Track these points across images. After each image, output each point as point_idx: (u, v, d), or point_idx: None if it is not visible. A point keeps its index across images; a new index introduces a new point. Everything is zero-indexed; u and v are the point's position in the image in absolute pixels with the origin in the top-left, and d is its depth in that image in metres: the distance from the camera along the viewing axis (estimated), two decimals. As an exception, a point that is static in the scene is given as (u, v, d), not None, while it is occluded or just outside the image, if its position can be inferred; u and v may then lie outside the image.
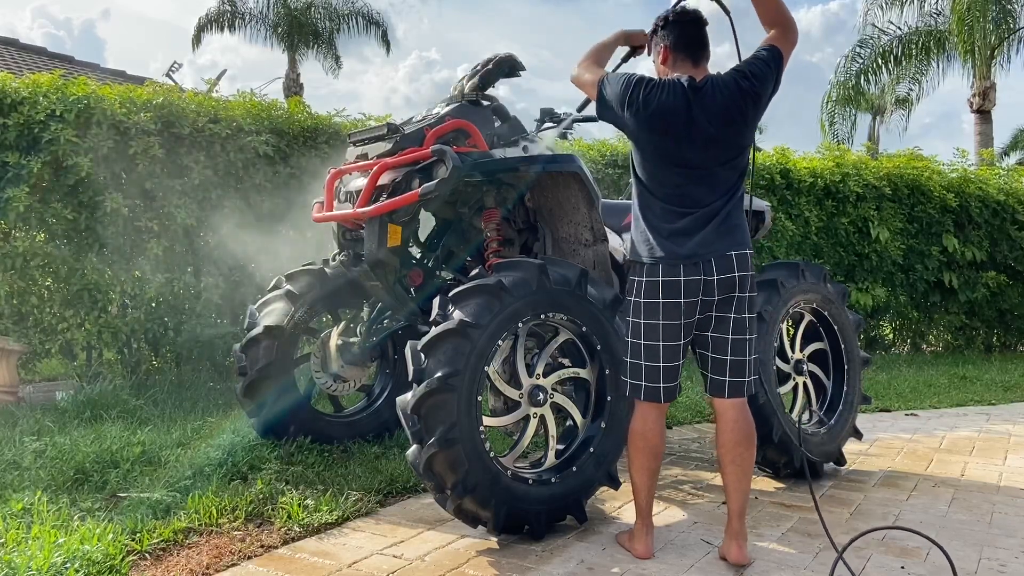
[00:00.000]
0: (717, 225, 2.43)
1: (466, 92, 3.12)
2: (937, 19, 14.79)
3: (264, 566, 2.41)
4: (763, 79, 2.41)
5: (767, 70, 2.42)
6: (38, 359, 4.98)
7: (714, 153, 2.42)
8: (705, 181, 2.44)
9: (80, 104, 4.62)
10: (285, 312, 3.47)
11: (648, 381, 2.50)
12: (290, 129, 5.41)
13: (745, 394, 2.51)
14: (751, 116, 2.42)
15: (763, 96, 2.42)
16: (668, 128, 2.41)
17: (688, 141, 2.41)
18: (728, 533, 2.50)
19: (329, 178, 3.13)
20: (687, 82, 2.41)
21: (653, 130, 2.43)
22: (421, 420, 2.45)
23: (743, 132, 2.44)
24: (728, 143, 2.43)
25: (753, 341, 2.52)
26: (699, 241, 2.42)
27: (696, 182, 2.44)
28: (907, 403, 5.43)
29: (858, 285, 7.60)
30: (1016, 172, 9.10)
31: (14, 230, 4.69)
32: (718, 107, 2.38)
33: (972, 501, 3.17)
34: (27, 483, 2.98)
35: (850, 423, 3.59)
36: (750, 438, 2.50)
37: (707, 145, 2.41)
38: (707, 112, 2.38)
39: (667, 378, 2.50)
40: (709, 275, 2.43)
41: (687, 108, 2.38)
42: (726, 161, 2.44)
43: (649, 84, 2.43)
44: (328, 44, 19.60)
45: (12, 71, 7.22)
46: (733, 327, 2.48)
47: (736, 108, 2.39)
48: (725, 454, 2.49)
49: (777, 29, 2.46)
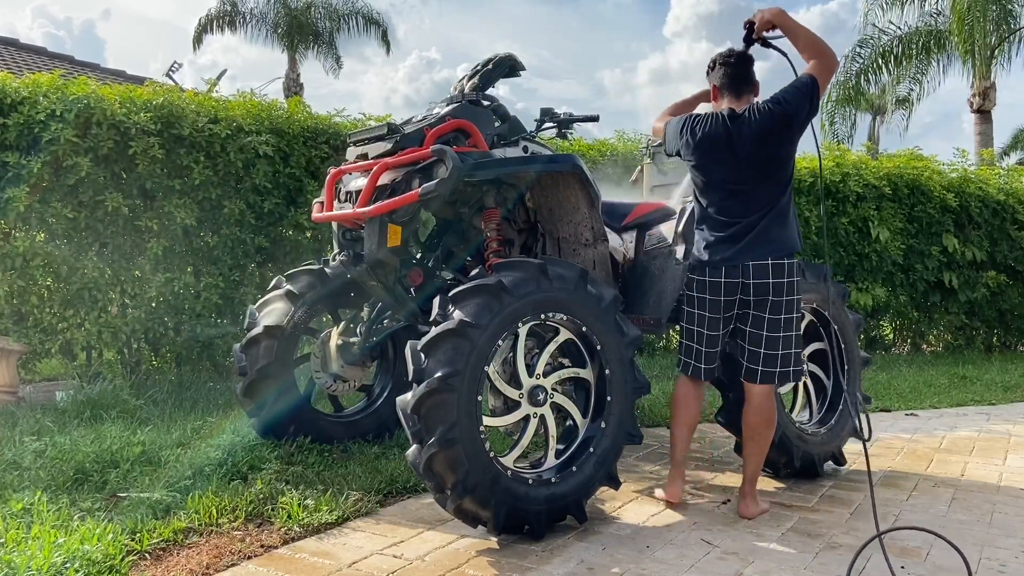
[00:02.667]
0: (756, 236, 2.84)
1: (466, 92, 3.12)
2: (937, 19, 14.78)
3: (264, 566, 2.41)
4: (796, 103, 2.77)
5: (800, 96, 2.78)
6: (38, 359, 4.98)
7: (752, 172, 2.83)
8: (745, 197, 2.86)
9: (80, 104, 4.62)
10: (285, 312, 3.47)
11: (693, 360, 3.02)
12: (290, 129, 5.41)
13: (773, 382, 2.93)
14: (784, 136, 2.80)
15: (795, 119, 2.78)
16: (711, 153, 2.87)
17: (729, 163, 2.84)
18: (741, 492, 2.99)
19: (329, 178, 3.13)
20: (727, 112, 2.86)
21: (702, 156, 2.90)
22: (421, 420, 2.45)
23: (778, 152, 2.82)
24: (765, 163, 2.82)
25: (790, 338, 2.90)
26: (739, 249, 2.85)
27: (737, 198, 2.87)
28: (907, 403, 5.43)
29: (858, 285, 7.60)
30: (1016, 172, 9.09)
31: (14, 230, 4.69)
32: (753, 132, 2.79)
33: (972, 501, 3.17)
34: (27, 483, 2.97)
35: (850, 423, 3.59)
36: (770, 420, 2.97)
37: (745, 166, 2.82)
38: (744, 137, 2.80)
39: (706, 360, 3.00)
40: (747, 279, 2.86)
41: (727, 135, 2.83)
42: (765, 179, 2.84)
43: (696, 119, 2.93)
44: (328, 44, 19.62)
45: (12, 71, 7.21)
46: (768, 326, 2.89)
47: (769, 131, 2.78)
48: (747, 430, 2.98)
49: (814, 59, 2.83)
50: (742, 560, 2.51)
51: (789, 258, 2.86)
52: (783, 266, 2.85)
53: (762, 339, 2.89)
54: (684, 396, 3.06)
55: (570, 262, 3.00)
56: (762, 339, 2.89)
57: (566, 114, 3.41)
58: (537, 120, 3.43)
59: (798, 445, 3.33)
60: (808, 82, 2.79)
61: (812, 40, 2.84)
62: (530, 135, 3.18)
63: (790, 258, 2.86)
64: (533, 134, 3.24)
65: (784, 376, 2.93)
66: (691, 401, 3.05)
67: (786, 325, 2.88)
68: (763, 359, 2.90)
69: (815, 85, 2.78)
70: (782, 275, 2.85)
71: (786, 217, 2.87)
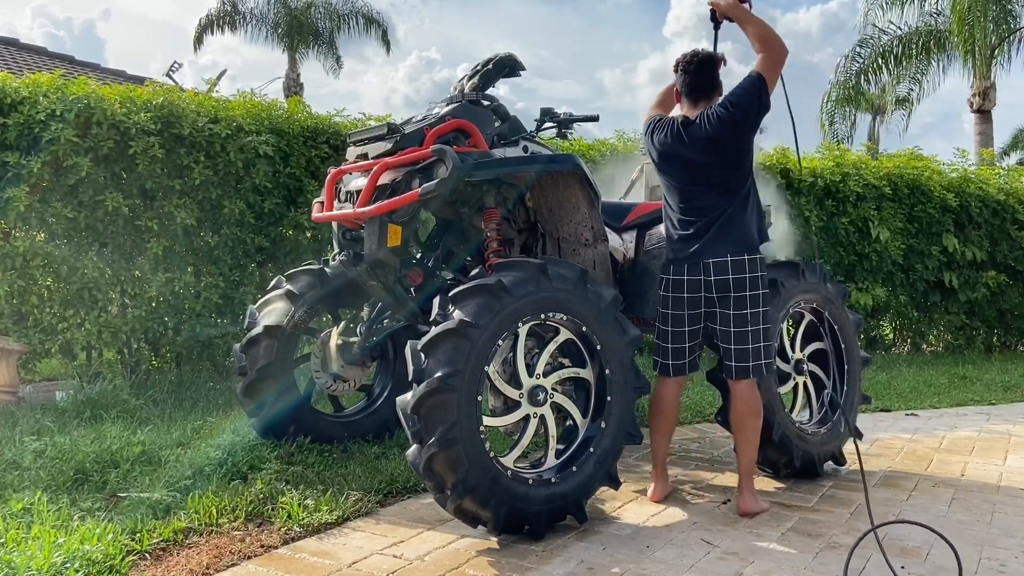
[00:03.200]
0: (713, 234, 2.91)
1: (466, 92, 3.12)
2: (937, 19, 14.77)
3: (264, 566, 2.41)
4: (744, 106, 2.82)
5: (748, 96, 2.83)
6: (38, 359, 4.98)
7: (707, 175, 2.91)
8: (702, 198, 2.94)
9: (80, 104, 4.62)
10: (285, 312, 3.47)
11: (660, 358, 3.09)
12: (290, 129, 5.40)
13: (749, 376, 2.96)
14: (735, 139, 2.87)
15: (744, 122, 2.84)
16: (669, 158, 2.98)
17: (685, 167, 2.94)
18: (738, 488, 3.01)
19: (329, 178, 3.13)
20: (681, 120, 2.94)
21: (660, 160, 3.02)
22: (421, 420, 2.45)
23: (730, 154, 2.89)
24: (718, 165, 2.89)
25: (758, 332, 2.94)
26: (698, 247, 2.93)
27: (695, 199, 2.96)
28: (907, 403, 5.43)
29: (858, 285, 7.60)
30: (1016, 172, 9.09)
31: (14, 230, 4.69)
32: (705, 138, 2.86)
33: (972, 501, 3.17)
34: (27, 483, 2.97)
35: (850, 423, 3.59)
36: (751, 411, 2.99)
37: (700, 169, 2.91)
38: (696, 143, 2.88)
39: (674, 357, 3.06)
40: (708, 276, 2.93)
41: (680, 142, 2.92)
42: (719, 180, 2.91)
43: (655, 125, 3.03)
44: (328, 44, 19.63)
45: (12, 71, 7.21)
46: (734, 321, 2.94)
47: (719, 136, 2.84)
48: (732, 423, 3.05)
49: (762, 53, 2.86)
50: (742, 560, 2.51)
51: (750, 253, 2.91)
52: (743, 262, 2.89)
53: (730, 335, 2.95)
54: (660, 400, 3.11)
55: (570, 262, 3.00)
56: (730, 335, 2.95)
57: (566, 114, 3.41)
58: (537, 120, 3.43)
59: (798, 445, 3.33)
60: (755, 80, 2.83)
61: (761, 32, 2.86)
62: (530, 135, 3.18)
63: (751, 253, 2.91)
64: (533, 134, 3.24)
65: (758, 369, 2.97)
66: (668, 407, 3.11)
67: (752, 319, 2.92)
68: (735, 354, 2.95)
69: (762, 81, 2.82)
70: (742, 271, 2.89)
71: (744, 215, 2.92)
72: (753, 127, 2.88)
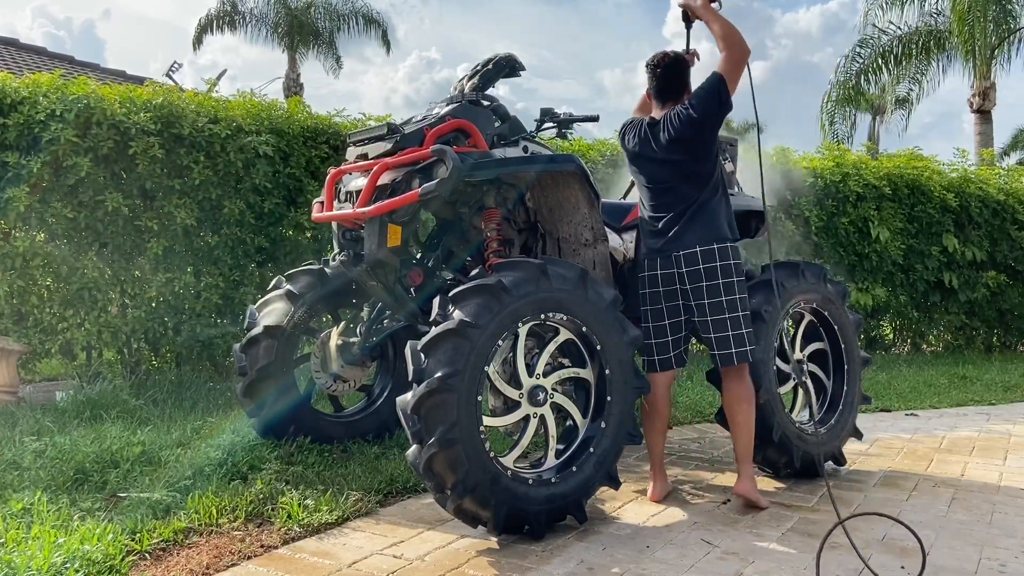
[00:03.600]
0: (681, 228, 3.01)
1: (466, 92, 3.12)
2: (937, 19, 14.77)
3: (264, 566, 2.41)
4: (704, 107, 2.92)
5: (708, 98, 2.93)
6: (38, 359, 4.98)
7: (672, 173, 3.03)
8: (669, 195, 3.05)
9: (80, 104, 4.62)
10: (285, 312, 3.47)
11: (646, 355, 3.16)
12: (290, 129, 5.40)
13: (733, 363, 3.02)
14: (698, 139, 2.97)
15: (706, 123, 2.95)
16: (637, 158, 3.12)
17: (653, 166, 3.07)
18: (737, 472, 3.08)
19: (329, 178, 3.13)
20: (648, 121, 3.07)
21: (631, 159, 3.17)
22: (421, 420, 2.45)
23: (694, 153, 2.99)
24: (683, 163, 3.00)
25: (737, 319, 2.99)
26: (666, 241, 3.04)
27: (663, 195, 3.07)
28: (907, 403, 5.43)
29: (858, 285, 7.60)
30: (1016, 172, 9.09)
31: (14, 230, 4.69)
32: (668, 138, 2.98)
33: (972, 501, 3.17)
34: (27, 483, 2.97)
35: (850, 423, 3.59)
36: (743, 398, 3.06)
37: (666, 167, 3.03)
38: (661, 143, 3.00)
39: (658, 352, 3.14)
40: (680, 268, 3.02)
41: (647, 142, 3.05)
42: (685, 178, 3.01)
43: (627, 127, 3.18)
44: (328, 44, 19.62)
45: (12, 71, 7.21)
46: (709, 310, 3.01)
47: (682, 137, 2.95)
48: (727, 410, 3.12)
49: (724, 52, 2.94)
50: (742, 560, 2.51)
51: (719, 243, 2.98)
52: (712, 251, 2.97)
53: (709, 324, 3.01)
54: (654, 399, 3.14)
55: (570, 262, 3.00)
56: (709, 324, 3.01)
57: (566, 114, 3.41)
58: (537, 120, 3.43)
59: (798, 445, 3.33)
60: (715, 81, 2.91)
61: (724, 32, 2.94)
62: (530, 135, 3.18)
63: (720, 243, 2.98)
64: (533, 134, 3.24)
65: (742, 356, 3.00)
66: (660, 403, 3.16)
67: (730, 306, 2.98)
68: (716, 343, 3.01)
69: (722, 82, 2.91)
70: (713, 259, 2.97)
71: (709, 210, 3.00)
72: (715, 126, 2.98)
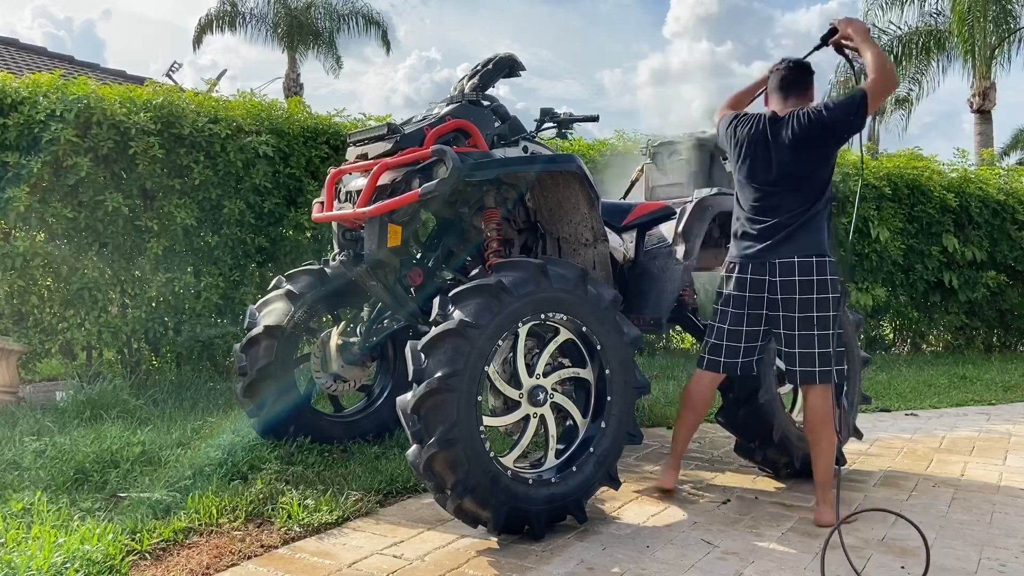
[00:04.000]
0: (784, 236, 2.88)
1: (466, 92, 3.12)
2: (937, 19, 14.80)
3: (264, 566, 2.40)
4: (839, 113, 2.82)
5: (846, 108, 2.83)
6: (38, 359, 4.98)
7: (786, 176, 2.89)
8: (778, 198, 2.91)
9: (80, 104, 4.62)
10: (285, 312, 3.47)
11: (709, 354, 3.06)
12: (290, 129, 5.40)
13: (814, 382, 2.90)
14: (820, 144, 2.86)
15: (835, 128, 2.84)
16: (750, 154, 2.96)
17: (764, 165, 2.92)
18: (815, 499, 2.96)
19: (329, 178, 3.13)
20: (769, 116, 2.95)
21: (741, 156, 2.99)
22: (421, 420, 2.45)
23: (812, 158, 2.87)
24: (799, 167, 2.87)
25: (826, 337, 2.88)
26: (765, 247, 2.91)
27: (770, 198, 2.92)
28: (907, 403, 5.43)
29: (858, 285, 7.60)
30: (1016, 172, 9.09)
31: (14, 230, 4.69)
32: (791, 137, 2.86)
33: (972, 501, 3.17)
34: (27, 483, 2.97)
35: (850, 423, 3.59)
36: (824, 420, 2.91)
37: (780, 168, 2.89)
38: (780, 141, 2.88)
39: (726, 355, 3.03)
40: (773, 276, 2.90)
41: (765, 138, 2.92)
42: (798, 183, 2.89)
43: (740, 119, 3.04)
44: (328, 44, 19.62)
45: (12, 71, 7.21)
46: (799, 324, 2.89)
47: (806, 138, 2.84)
48: (809, 432, 2.98)
49: (873, 76, 2.83)
50: (742, 560, 2.51)
51: (818, 257, 2.87)
52: (811, 264, 2.86)
53: (794, 339, 2.90)
54: (694, 394, 3.11)
55: (570, 262, 3.00)
56: (794, 339, 2.90)
57: (566, 114, 3.41)
58: (537, 120, 3.43)
59: (798, 445, 3.33)
60: (858, 96, 2.83)
61: (880, 61, 2.85)
62: (530, 135, 3.18)
63: (819, 256, 2.87)
64: (533, 134, 3.24)
65: (825, 375, 2.89)
66: (699, 401, 3.12)
67: (819, 323, 2.87)
68: (799, 359, 2.89)
69: (864, 100, 2.81)
70: (810, 273, 2.86)
71: (815, 221, 2.89)
72: (840, 140, 2.90)
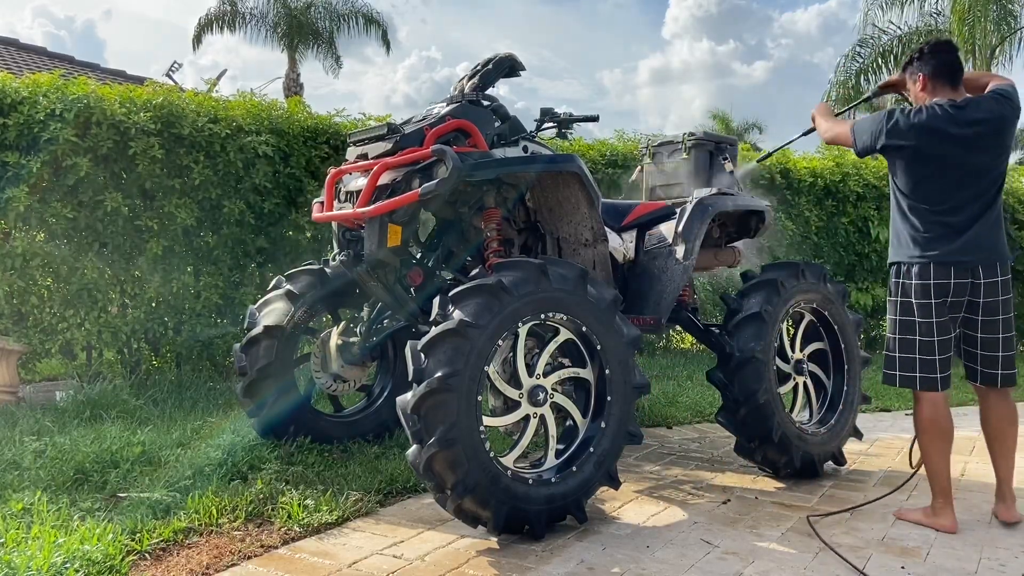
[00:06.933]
0: (985, 231, 2.72)
1: (466, 92, 3.12)
2: (937, 19, 14.78)
3: (264, 566, 2.41)
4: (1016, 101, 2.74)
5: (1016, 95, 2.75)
6: (38, 359, 4.98)
7: (974, 164, 2.70)
8: (967, 190, 2.72)
9: (80, 104, 4.62)
10: (285, 312, 3.47)
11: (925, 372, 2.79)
12: (290, 129, 5.40)
13: (1014, 384, 2.84)
14: (1006, 128, 2.72)
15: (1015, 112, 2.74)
16: (935, 143, 2.70)
17: (951, 154, 2.69)
18: (998, 496, 2.89)
19: (329, 178, 3.13)
20: (949, 104, 2.71)
21: (925, 146, 2.71)
22: (421, 420, 2.45)
23: (999, 146, 2.73)
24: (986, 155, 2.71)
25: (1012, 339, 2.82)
26: (965, 245, 2.71)
27: (962, 189, 2.72)
28: (907, 403, 5.40)
29: (858, 285, 7.60)
30: (1016, 172, 9.10)
31: (14, 230, 4.69)
32: (978, 125, 2.67)
33: (972, 501, 3.17)
34: (27, 483, 2.97)
35: (850, 423, 3.59)
36: (1010, 418, 2.86)
37: (968, 156, 2.69)
38: (966, 129, 2.67)
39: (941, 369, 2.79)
40: (976, 278, 2.74)
41: (949, 126, 2.68)
42: (987, 173, 2.72)
43: (907, 111, 2.76)
44: (328, 44, 19.59)
45: (12, 71, 7.21)
46: (1002, 327, 2.80)
47: (991, 126, 2.69)
48: (990, 431, 2.88)
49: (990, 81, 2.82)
50: (742, 560, 2.51)
51: (1007, 256, 2.79)
52: (1007, 264, 2.78)
53: (998, 342, 2.80)
54: (935, 419, 2.79)
55: (570, 262, 3.00)
56: (998, 342, 2.80)
57: (566, 114, 3.41)
58: (537, 120, 3.43)
59: (798, 445, 3.33)
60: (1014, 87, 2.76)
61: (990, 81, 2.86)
62: (530, 135, 3.18)
63: (1007, 256, 2.80)
64: (533, 134, 3.24)
65: (1011, 378, 2.83)
66: (944, 422, 2.79)
67: (1010, 325, 2.81)
68: (1002, 362, 2.81)
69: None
70: (1007, 272, 2.78)
71: (1001, 217, 2.79)
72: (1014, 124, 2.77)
